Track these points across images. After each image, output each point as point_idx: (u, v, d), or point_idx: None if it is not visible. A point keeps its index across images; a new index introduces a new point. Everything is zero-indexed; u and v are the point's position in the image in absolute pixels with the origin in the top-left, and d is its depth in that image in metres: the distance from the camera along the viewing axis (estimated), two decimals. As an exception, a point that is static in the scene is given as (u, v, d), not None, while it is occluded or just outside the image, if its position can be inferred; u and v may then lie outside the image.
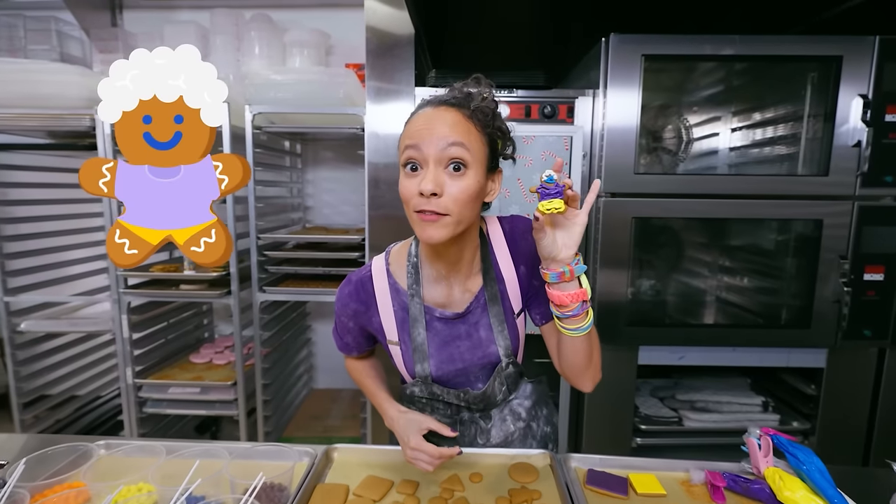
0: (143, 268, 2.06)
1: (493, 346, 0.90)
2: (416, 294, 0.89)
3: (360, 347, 1.00)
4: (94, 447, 0.86)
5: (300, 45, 2.20)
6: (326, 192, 2.53)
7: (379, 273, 0.93)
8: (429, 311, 0.90)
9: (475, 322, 0.90)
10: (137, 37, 2.30)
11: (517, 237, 0.91)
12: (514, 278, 0.91)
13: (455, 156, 0.76)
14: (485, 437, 0.96)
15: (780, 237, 1.76)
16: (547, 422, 1.03)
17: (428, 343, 0.90)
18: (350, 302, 0.93)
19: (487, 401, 0.94)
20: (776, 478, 0.80)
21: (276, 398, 2.12)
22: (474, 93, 0.81)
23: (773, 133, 1.81)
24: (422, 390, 0.93)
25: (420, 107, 0.82)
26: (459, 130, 0.77)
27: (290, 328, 2.31)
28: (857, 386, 1.67)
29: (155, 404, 2.03)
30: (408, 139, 0.79)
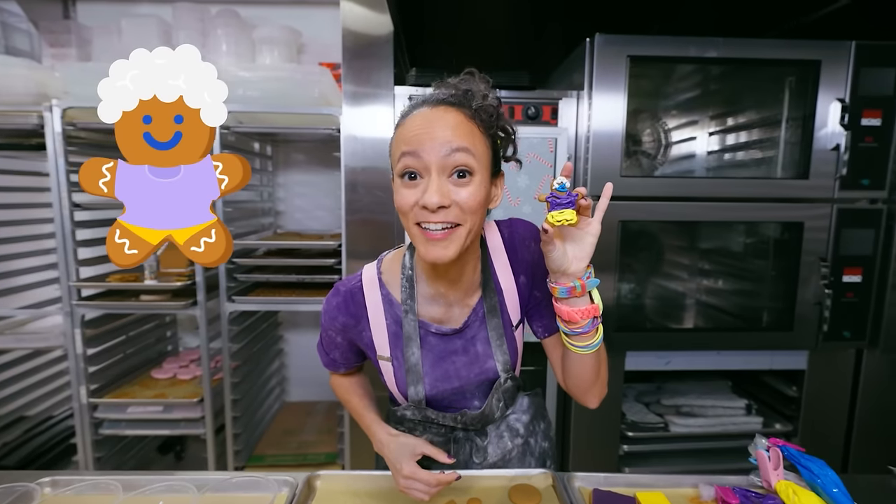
0: (100, 277, 1.91)
1: (491, 362, 0.84)
2: (410, 310, 0.81)
3: (347, 363, 0.92)
4: (36, 487, 0.75)
5: (270, 42, 2.09)
6: (299, 195, 2.42)
7: (371, 283, 0.84)
8: (423, 326, 0.83)
9: (472, 337, 0.84)
10: (92, 30, 2.14)
11: (517, 244, 0.85)
12: (513, 289, 0.84)
13: (460, 163, 0.69)
14: (481, 456, 0.89)
15: (762, 240, 1.77)
16: (545, 437, 0.97)
17: (423, 360, 0.82)
18: (339, 315, 0.84)
19: (486, 420, 0.87)
20: (789, 492, 0.76)
21: (246, 414, 1.99)
22: (474, 90, 0.73)
23: (753, 137, 1.83)
24: (414, 413, 0.86)
25: (414, 106, 0.73)
26: (463, 133, 0.69)
27: (260, 339, 2.19)
28: (836, 387, 1.69)
29: (112, 425, 1.88)
30: (404, 145, 0.70)
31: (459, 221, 0.70)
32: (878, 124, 1.52)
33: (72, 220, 1.74)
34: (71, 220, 1.73)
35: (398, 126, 0.74)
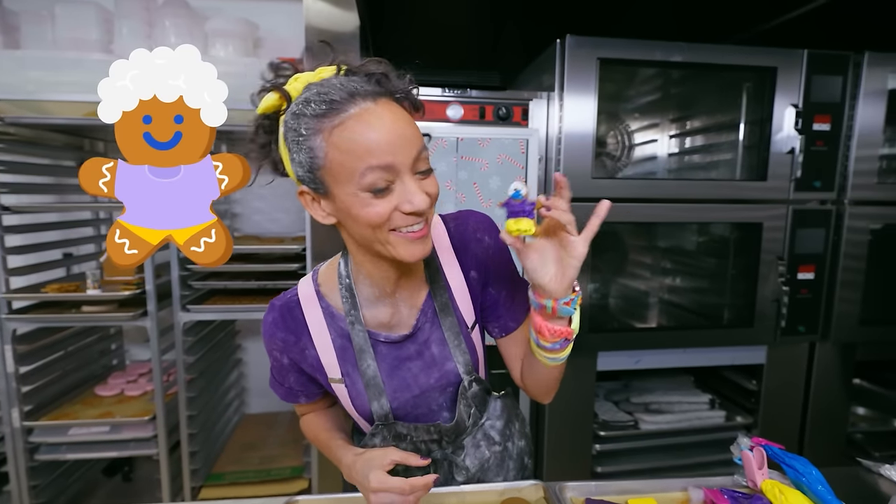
0: (33, 288, 1.73)
1: (449, 363, 0.79)
2: (356, 321, 0.75)
3: (307, 391, 0.84)
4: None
5: (224, 35, 1.97)
6: (257, 197, 2.30)
7: (308, 298, 0.78)
8: (371, 336, 0.77)
9: (425, 340, 0.78)
10: (20, 16, 1.95)
11: (467, 237, 0.79)
12: (463, 286, 0.79)
13: (424, 162, 0.65)
14: (462, 474, 0.85)
15: (723, 241, 1.83)
16: (521, 436, 0.94)
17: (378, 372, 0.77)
18: (276, 331, 0.78)
19: (460, 430, 0.82)
20: (776, 491, 0.77)
21: (203, 430, 1.87)
22: (388, 71, 0.67)
23: (714, 140, 1.89)
24: (385, 437, 0.79)
25: (340, 102, 0.61)
26: (415, 127, 0.64)
27: (217, 349, 2.06)
28: (792, 379, 1.77)
29: (51, 450, 1.71)
30: (366, 155, 0.60)
31: (429, 215, 0.67)
32: (828, 129, 1.61)
33: (0, 225, 1.57)
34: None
35: (333, 124, 0.61)
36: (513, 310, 0.82)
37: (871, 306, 1.72)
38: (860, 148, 1.62)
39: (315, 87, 0.64)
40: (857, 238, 1.66)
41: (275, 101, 0.67)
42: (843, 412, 1.81)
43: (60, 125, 1.74)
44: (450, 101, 1.54)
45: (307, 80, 0.66)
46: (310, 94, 0.63)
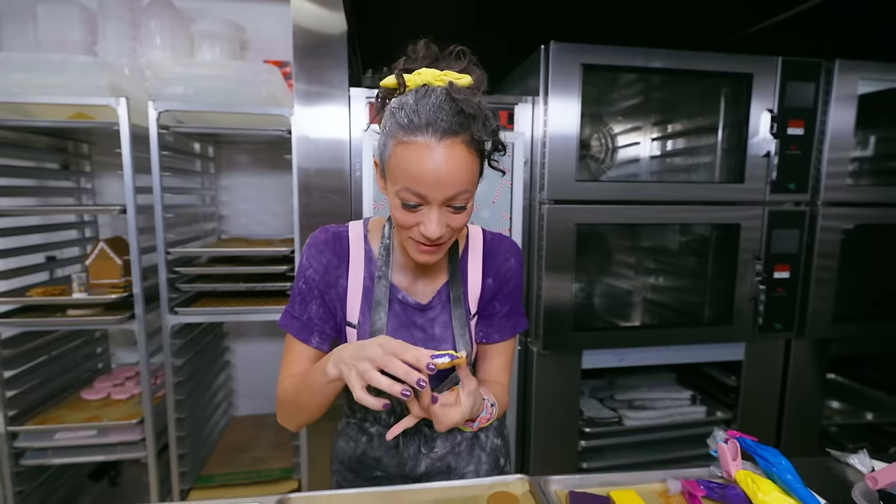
0: (17, 292, 1.72)
1: (445, 346, 0.86)
2: (384, 276, 0.84)
3: (323, 330, 0.84)
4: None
5: (211, 37, 1.97)
6: (244, 199, 2.30)
7: (356, 237, 0.86)
8: (393, 291, 0.85)
9: (433, 318, 0.87)
10: (2, 17, 1.93)
11: (496, 253, 0.91)
12: (478, 285, 0.89)
13: (459, 201, 0.72)
14: (429, 447, 0.91)
15: (704, 241, 1.88)
16: (497, 433, 1.00)
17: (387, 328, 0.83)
18: (326, 250, 0.84)
19: None
20: (748, 481, 0.81)
21: (192, 432, 1.87)
22: (473, 110, 0.69)
23: (691, 143, 1.94)
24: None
25: (417, 128, 0.68)
26: (466, 173, 0.70)
27: (205, 352, 2.06)
28: (769, 374, 1.83)
29: (36, 454, 1.70)
30: (408, 180, 0.69)
31: (449, 240, 0.77)
32: (801, 133, 1.67)
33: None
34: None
35: (396, 141, 0.70)
36: (503, 328, 0.91)
37: (844, 304, 1.79)
38: (832, 151, 1.68)
39: (415, 97, 0.71)
40: (830, 238, 1.73)
41: (391, 83, 0.75)
42: (818, 406, 1.87)
43: (44, 128, 1.72)
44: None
45: (426, 80, 0.73)
46: (408, 102, 0.71)
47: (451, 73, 0.73)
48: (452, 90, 0.70)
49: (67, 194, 2.02)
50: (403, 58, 0.77)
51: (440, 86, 0.72)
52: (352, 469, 0.95)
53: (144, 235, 1.68)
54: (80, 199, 2.06)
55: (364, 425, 0.93)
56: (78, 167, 2.07)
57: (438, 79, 0.72)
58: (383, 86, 0.77)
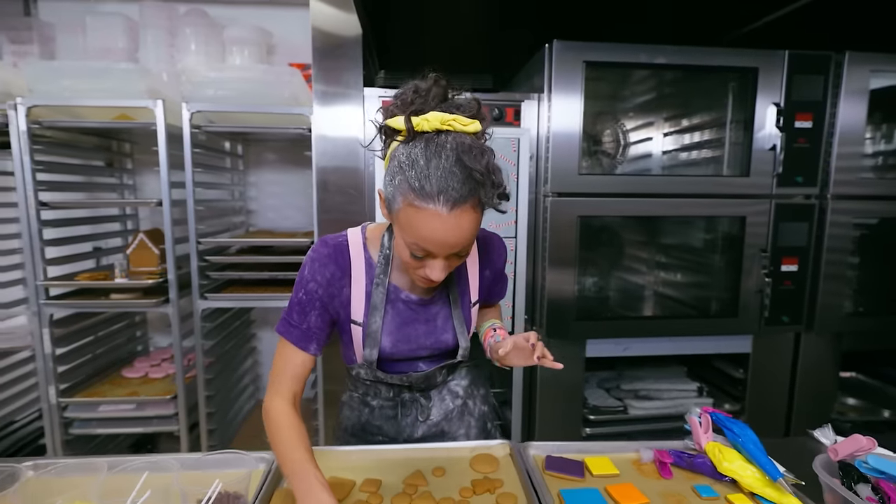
0: (68, 277, 1.90)
1: (447, 336, 0.95)
2: (381, 283, 0.89)
3: (320, 338, 0.89)
4: (22, 468, 0.78)
5: (240, 42, 2.12)
6: (271, 195, 2.45)
7: (356, 246, 0.90)
8: (395, 292, 0.91)
9: (435, 313, 0.94)
10: (55, 27, 2.12)
11: (490, 250, 1.01)
12: (476, 276, 0.99)
13: (465, 252, 0.79)
14: (425, 415, 1.00)
15: (709, 234, 1.90)
16: (484, 401, 1.10)
17: (388, 321, 0.91)
18: (329, 263, 0.87)
19: (429, 382, 0.99)
20: (716, 451, 0.86)
21: (220, 410, 2.01)
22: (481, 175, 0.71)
23: (702, 137, 1.96)
24: (367, 373, 0.96)
25: (429, 196, 0.70)
26: (472, 232, 0.75)
27: (233, 337, 2.21)
28: (778, 367, 1.83)
29: (83, 424, 1.87)
30: (417, 239, 0.74)
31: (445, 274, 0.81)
32: (810, 126, 1.67)
33: (38, 219, 1.73)
34: (38, 219, 1.73)
35: (407, 202, 0.72)
36: (499, 293, 1.09)
37: (857, 298, 1.78)
38: (842, 144, 1.68)
39: (425, 157, 0.72)
40: (841, 232, 1.72)
41: (398, 125, 0.75)
42: (829, 401, 1.86)
43: (91, 128, 1.90)
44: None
45: (434, 127, 0.73)
46: (419, 162, 0.72)
47: (459, 118, 0.74)
48: (462, 150, 0.71)
49: (111, 189, 2.21)
50: (412, 91, 0.76)
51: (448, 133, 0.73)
52: (355, 435, 1.03)
53: (178, 227, 1.83)
54: (122, 193, 2.24)
55: (366, 399, 1.01)
56: (121, 165, 2.25)
57: (447, 124, 0.73)
58: (389, 126, 0.77)
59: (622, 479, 0.86)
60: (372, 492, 0.80)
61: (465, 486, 0.82)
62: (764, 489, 0.79)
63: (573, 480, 0.85)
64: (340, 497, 0.79)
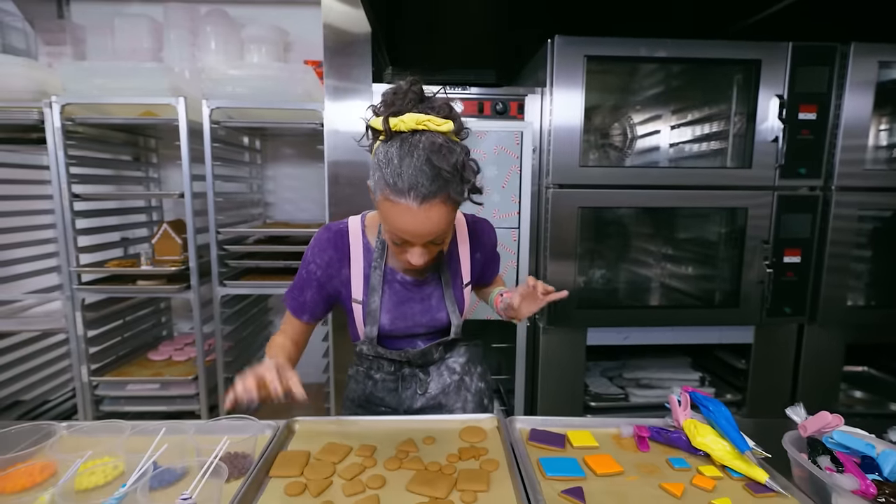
0: (98, 264, 2.03)
1: (441, 314, 1.03)
2: (378, 267, 0.98)
3: (314, 311, 1.02)
4: (57, 427, 0.88)
5: (258, 41, 2.21)
6: (288, 188, 2.54)
7: (355, 232, 1.00)
8: (391, 273, 1.00)
9: (429, 293, 1.02)
10: (86, 29, 2.25)
11: (479, 233, 1.09)
12: (468, 258, 1.07)
13: (439, 240, 0.87)
14: (423, 388, 1.08)
15: (711, 225, 1.92)
16: (481, 378, 1.16)
17: (386, 300, 0.99)
18: (328, 248, 0.98)
19: (425, 358, 1.07)
20: (692, 427, 0.91)
21: (238, 392, 2.12)
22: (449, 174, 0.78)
23: (706, 130, 1.97)
24: (369, 349, 1.04)
25: (401, 192, 0.78)
26: (443, 223, 0.83)
27: (251, 323, 2.31)
28: (780, 358, 1.84)
29: (112, 402, 2.01)
30: (394, 229, 0.83)
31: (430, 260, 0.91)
32: (814, 118, 1.67)
33: (72, 210, 1.85)
34: (71, 210, 1.85)
35: (384, 197, 0.80)
36: (485, 276, 1.15)
37: (861, 290, 1.78)
38: (847, 136, 1.68)
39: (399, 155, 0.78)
40: (845, 224, 1.72)
41: (377, 125, 0.82)
42: (833, 392, 1.87)
43: (120, 124, 2.01)
44: (452, 98, 1.70)
45: (410, 127, 0.79)
46: (393, 160, 0.79)
47: (434, 119, 0.79)
48: (432, 150, 0.77)
49: (138, 182, 2.34)
50: (392, 93, 0.82)
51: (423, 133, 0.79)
52: (361, 406, 1.13)
53: (199, 218, 1.94)
54: (147, 186, 2.37)
55: (370, 373, 1.10)
56: (146, 159, 2.38)
57: (421, 124, 0.79)
58: (370, 125, 0.84)
59: (601, 450, 0.91)
60: (366, 456, 0.88)
61: (452, 453, 0.88)
62: (733, 461, 0.84)
63: (554, 450, 0.90)
64: (336, 460, 0.86)
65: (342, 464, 0.86)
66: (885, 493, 0.68)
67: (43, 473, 0.78)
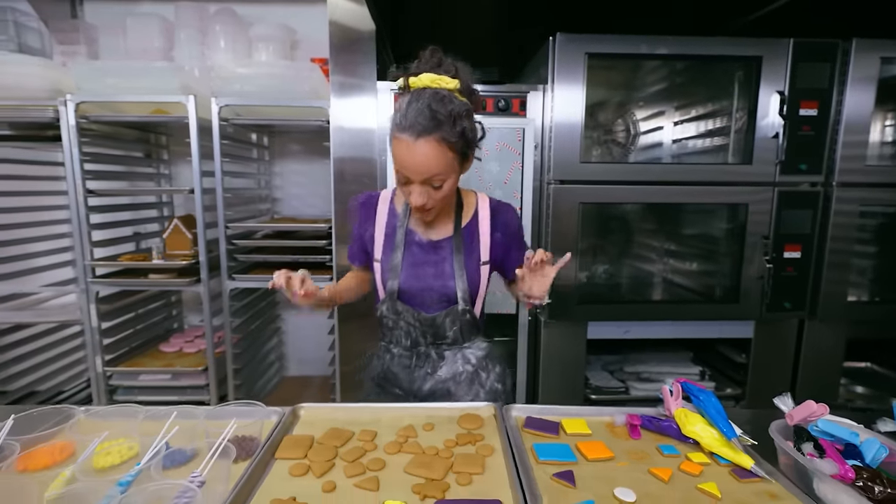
0: (111, 258, 2.09)
1: (452, 283, 1.10)
2: (402, 226, 1.12)
3: (359, 258, 1.21)
4: (76, 410, 0.93)
5: (266, 39, 2.25)
6: (295, 184, 2.59)
7: (384, 199, 1.17)
8: (411, 234, 1.13)
9: (443, 258, 1.11)
10: (98, 28, 2.30)
11: (499, 214, 1.16)
12: (487, 236, 1.14)
13: (435, 182, 0.97)
14: (433, 368, 1.14)
15: (711, 221, 1.93)
16: (499, 379, 1.19)
17: (403, 260, 1.10)
18: (361, 207, 1.17)
19: (437, 330, 1.13)
20: (682, 416, 0.94)
21: (246, 383, 2.18)
22: (443, 117, 0.92)
23: (709, 126, 1.99)
24: (389, 308, 1.13)
25: (401, 129, 0.93)
26: (436, 163, 0.93)
27: (259, 316, 2.37)
28: (781, 353, 1.86)
29: (125, 392, 2.07)
30: (397, 165, 0.97)
31: (433, 206, 1.02)
32: (815, 114, 1.68)
33: (86, 206, 1.91)
34: (85, 206, 1.91)
35: (393, 135, 0.96)
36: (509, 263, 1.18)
37: (861, 285, 1.78)
38: (848, 132, 1.68)
39: (408, 102, 0.94)
40: (846, 220, 1.73)
41: (400, 83, 0.99)
42: (833, 387, 1.88)
43: (132, 122, 2.07)
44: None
45: (424, 83, 0.95)
46: (403, 105, 0.94)
47: (443, 77, 0.94)
48: (434, 98, 0.92)
49: (149, 178, 2.39)
50: (417, 60, 0.99)
51: (432, 88, 0.94)
52: (378, 384, 1.22)
53: (209, 213, 1.99)
54: (159, 182, 2.42)
55: (389, 347, 1.19)
56: (158, 155, 2.43)
57: (434, 82, 0.94)
58: (398, 85, 1.00)
59: (594, 438, 0.94)
60: (367, 440, 0.92)
61: (449, 439, 0.92)
62: (721, 448, 0.86)
63: (548, 437, 0.94)
64: (339, 444, 0.90)
65: (344, 447, 0.90)
66: (863, 478, 0.71)
67: (63, 453, 0.83)
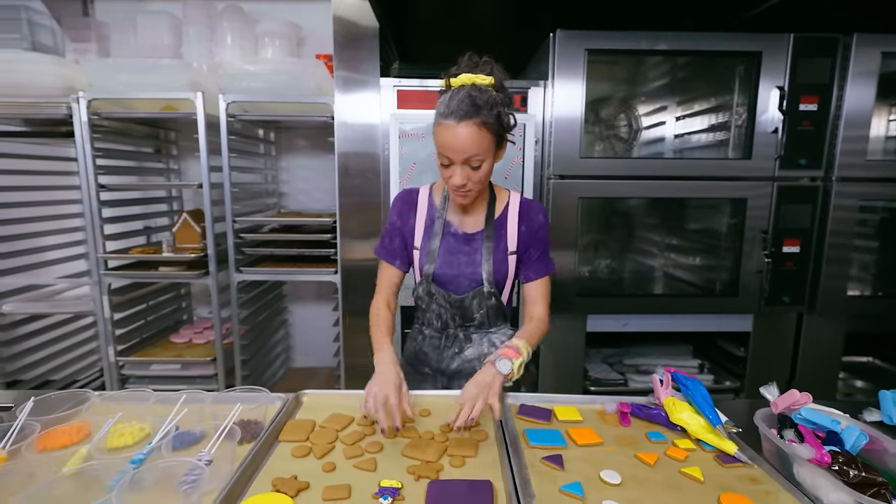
0: (123, 251, 2.14)
1: (480, 269, 1.18)
2: (441, 216, 1.21)
3: (401, 255, 1.24)
4: (91, 394, 0.98)
5: (272, 36, 2.28)
6: (301, 179, 2.63)
7: (423, 193, 1.26)
8: (448, 225, 1.21)
9: (476, 248, 1.20)
10: (109, 26, 2.35)
11: (528, 209, 1.23)
12: (515, 227, 1.21)
13: (474, 162, 1.05)
14: (459, 348, 1.23)
15: (710, 215, 1.95)
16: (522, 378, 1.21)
17: (440, 247, 1.19)
18: (402, 204, 1.25)
19: (465, 312, 1.21)
20: (671, 404, 0.97)
21: (254, 374, 2.23)
22: (482, 103, 1.01)
23: (710, 121, 1.99)
24: (424, 290, 1.22)
25: (445, 115, 1.03)
26: (476, 143, 1.02)
27: (266, 309, 2.42)
28: (779, 347, 1.88)
29: (137, 381, 2.13)
30: (439, 147, 1.06)
31: (472, 189, 1.09)
32: (815, 109, 1.69)
33: (98, 200, 1.97)
34: (98, 200, 1.96)
35: (437, 123, 1.05)
36: (536, 268, 1.22)
37: (861, 280, 1.79)
38: (848, 127, 1.69)
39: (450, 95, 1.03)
40: (845, 215, 1.73)
41: (443, 83, 1.08)
42: (832, 381, 1.89)
43: (142, 118, 2.12)
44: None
45: (462, 82, 1.05)
46: (446, 98, 1.04)
47: (480, 76, 1.06)
48: (473, 90, 1.03)
49: (159, 173, 2.45)
50: (455, 66, 1.09)
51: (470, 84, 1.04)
52: (410, 364, 1.31)
53: (217, 207, 2.03)
54: (168, 177, 2.48)
55: (422, 328, 1.29)
56: (167, 151, 2.48)
57: (471, 80, 1.05)
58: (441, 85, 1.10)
59: (584, 424, 0.97)
60: (366, 425, 0.96)
61: (445, 425, 0.96)
62: (707, 435, 0.89)
63: (539, 423, 0.97)
64: (339, 428, 0.94)
65: (344, 431, 0.94)
66: (839, 462, 0.73)
67: (79, 434, 0.88)
